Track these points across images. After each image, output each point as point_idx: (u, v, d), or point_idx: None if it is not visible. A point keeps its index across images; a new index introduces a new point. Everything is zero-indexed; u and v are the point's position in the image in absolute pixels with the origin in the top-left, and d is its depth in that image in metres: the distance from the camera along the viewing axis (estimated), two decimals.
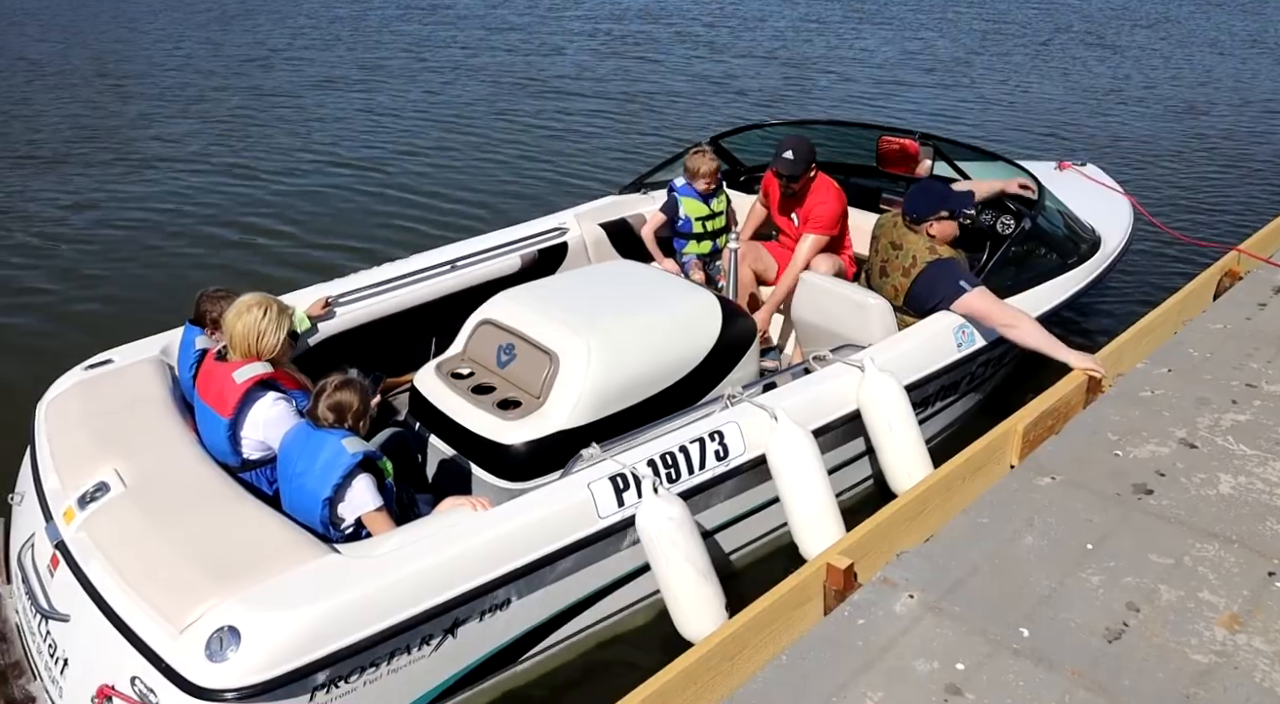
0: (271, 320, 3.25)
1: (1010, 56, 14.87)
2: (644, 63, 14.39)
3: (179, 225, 7.86)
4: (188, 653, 2.52)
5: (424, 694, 2.91)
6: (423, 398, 3.76)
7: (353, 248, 7.22)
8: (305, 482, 2.95)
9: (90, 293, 6.62)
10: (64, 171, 9.27)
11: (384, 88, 12.71)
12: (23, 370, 5.22)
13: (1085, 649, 2.59)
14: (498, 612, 2.97)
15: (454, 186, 8.80)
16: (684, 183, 5.05)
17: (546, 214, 5.30)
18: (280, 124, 10.90)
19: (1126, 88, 12.72)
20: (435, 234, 7.26)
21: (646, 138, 10.36)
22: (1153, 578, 2.85)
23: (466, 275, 4.68)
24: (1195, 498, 3.23)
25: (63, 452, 3.28)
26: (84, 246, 7.42)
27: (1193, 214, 8.05)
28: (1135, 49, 15.42)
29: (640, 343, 3.64)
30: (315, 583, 2.66)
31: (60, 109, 11.69)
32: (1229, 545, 3.00)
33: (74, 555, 2.90)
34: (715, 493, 3.40)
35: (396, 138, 10.36)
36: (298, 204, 8.32)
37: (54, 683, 2.86)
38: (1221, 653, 2.57)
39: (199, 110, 11.58)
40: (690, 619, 3.04)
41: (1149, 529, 3.07)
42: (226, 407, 3.16)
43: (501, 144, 10.12)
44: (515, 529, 2.94)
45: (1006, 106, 11.84)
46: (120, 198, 8.52)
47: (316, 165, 9.41)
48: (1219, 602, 2.76)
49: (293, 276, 6.34)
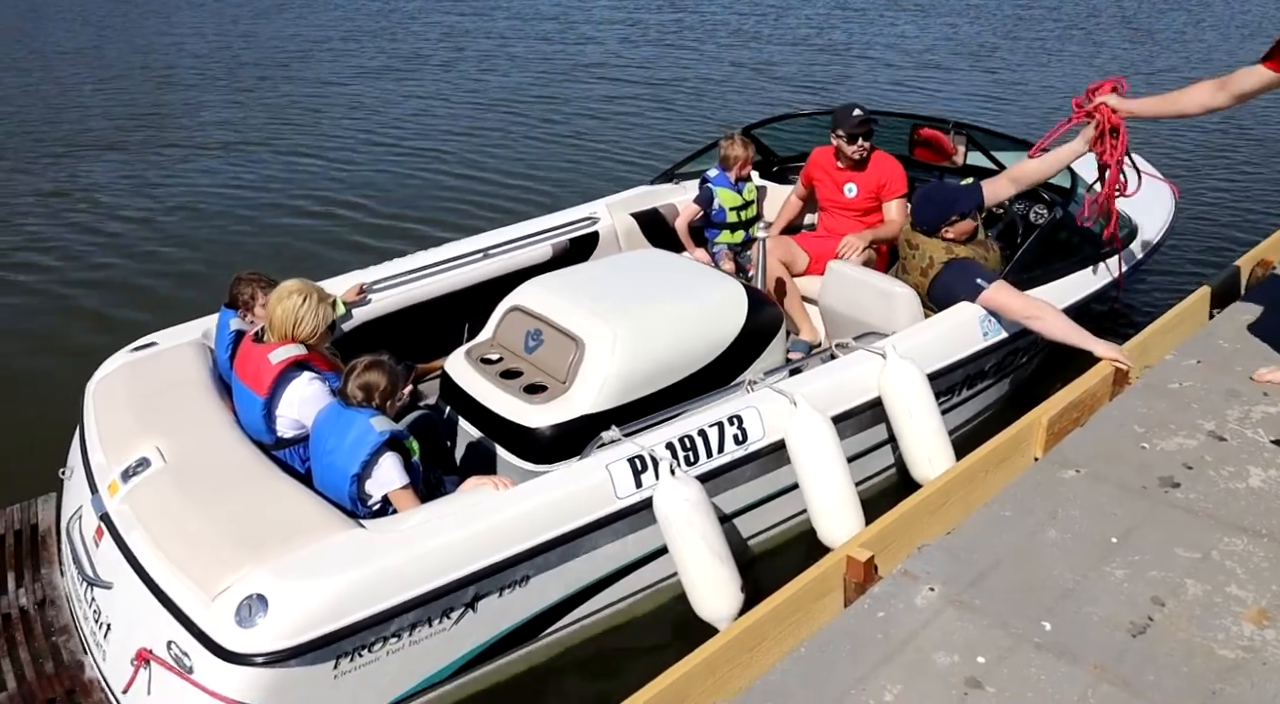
0: (311, 307, 3.37)
1: (1045, 42, 14.67)
2: (677, 50, 14.45)
3: (226, 208, 8.14)
4: (219, 619, 2.64)
5: (445, 667, 3.01)
6: (453, 382, 3.85)
7: (394, 229, 7.46)
8: (335, 459, 3.06)
9: (142, 274, 6.87)
10: (117, 157, 9.61)
11: (421, 77, 12.94)
12: (78, 353, 5.44)
13: (1109, 643, 2.56)
14: (517, 588, 3.06)
15: (491, 171, 8.99)
16: (718, 173, 5.10)
17: (580, 203, 5.38)
18: (326, 111, 11.18)
19: (1166, 73, 12.48)
20: (469, 222, 7.40)
21: (680, 127, 10.43)
22: (1179, 572, 2.81)
23: (498, 263, 4.77)
24: (1223, 491, 3.18)
25: (108, 429, 3.44)
26: (136, 229, 7.71)
27: (1233, 205, 7.88)
28: (1170, 35, 15.10)
29: (665, 330, 3.69)
30: (341, 555, 2.76)
31: (109, 97, 12.09)
32: (1258, 539, 2.95)
33: (117, 526, 3.05)
34: (733, 477, 3.44)
35: (433, 126, 10.58)
36: (340, 189, 8.56)
37: (98, 646, 3.02)
38: (1249, 648, 2.53)
39: (247, 98, 11.90)
40: (706, 600, 3.09)
41: (1175, 523, 3.04)
42: (262, 386, 3.28)
43: (539, 131, 10.29)
44: (535, 508, 3.02)
45: (1046, 93, 11.68)
46: (172, 183, 8.82)
47: (353, 151, 9.68)
48: (1247, 596, 2.71)
49: (333, 258, 6.56)
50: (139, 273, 6.87)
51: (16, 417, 4.90)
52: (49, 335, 5.92)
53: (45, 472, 3.82)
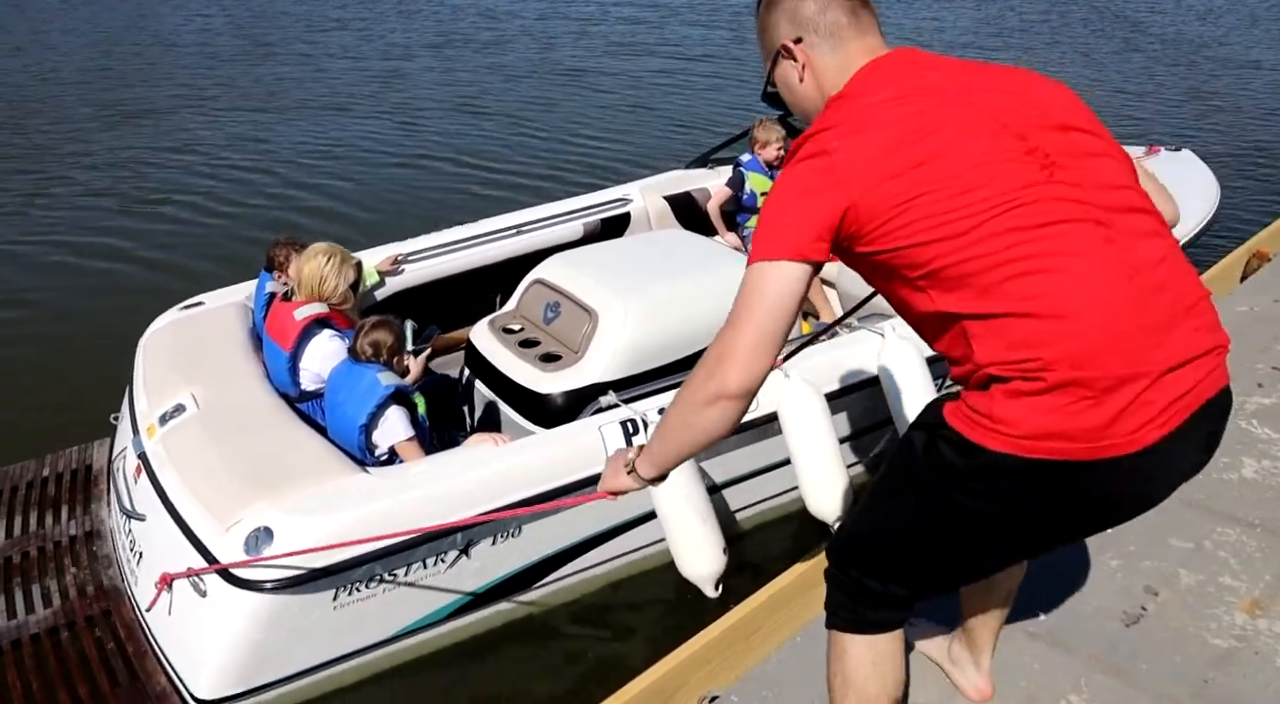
0: (335, 267, 3.60)
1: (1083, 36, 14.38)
2: (715, 31, 14.49)
3: (278, 175, 8.55)
4: (230, 547, 2.88)
5: (439, 609, 3.20)
6: (476, 349, 4.05)
7: (416, 214, 7.65)
8: (346, 409, 3.29)
9: (203, 234, 7.30)
10: (173, 123, 10.16)
11: (453, 57, 13.28)
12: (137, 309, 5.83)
13: (1102, 633, 2.58)
14: (510, 538, 3.24)
15: (524, 153, 9.23)
16: (750, 158, 5.19)
17: (614, 184, 5.56)
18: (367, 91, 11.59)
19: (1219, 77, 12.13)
20: (501, 196, 7.74)
21: (714, 112, 10.55)
22: (1172, 562, 2.83)
23: (530, 240, 4.95)
24: (1217, 482, 3.17)
25: (152, 378, 3.74)
26: (230, 188, 8.19)
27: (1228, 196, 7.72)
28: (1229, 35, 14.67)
29: (677, 306, 3.81)
30: (343, 496, 2.98)
31: (183, 66, 12.76)
32: (1250, 530, 2.96)
33: (152, 465, 3.33)
34: (722, 446, 3.55)
35: (467, 105, 10.89)
36: (367, 169, 8.89)
37: (132, 573, 3.31)
38: (1241, 638, 2.55)
39: (334, 64, 12.41)
40: (688, 561, 3.19)
41: (1169, 513, 2.94)
42: (287, 341, 3.53)
43: (574, 114, 10.56)
44: (528, 462, 3.19)
45: (1106, 88, 11.46)
46: (241, 147, 9.29)
47: (386, 122, 10.05)
48: (1239, 586, 2.73)
49: (370, 228, 6.91)
50: (204, 236, 7.30)
51: (79, 368, 5.29)
52: (115, 293, 6.33)
53: (99, 420, 4.17)
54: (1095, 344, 1.42)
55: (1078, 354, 1.42)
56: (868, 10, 1.66)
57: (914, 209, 1.45)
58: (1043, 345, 1.43)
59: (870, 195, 1.46)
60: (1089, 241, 1.45)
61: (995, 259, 1.44)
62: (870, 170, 1.46)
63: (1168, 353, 1.46)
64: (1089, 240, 1.45)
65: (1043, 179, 1.47)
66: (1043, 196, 1.45)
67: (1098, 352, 1.42)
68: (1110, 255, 1.45)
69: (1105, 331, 1.42)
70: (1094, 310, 1.42)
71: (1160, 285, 1.48)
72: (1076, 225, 1.46)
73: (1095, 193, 1.49)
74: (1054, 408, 1.44)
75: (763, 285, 1.49)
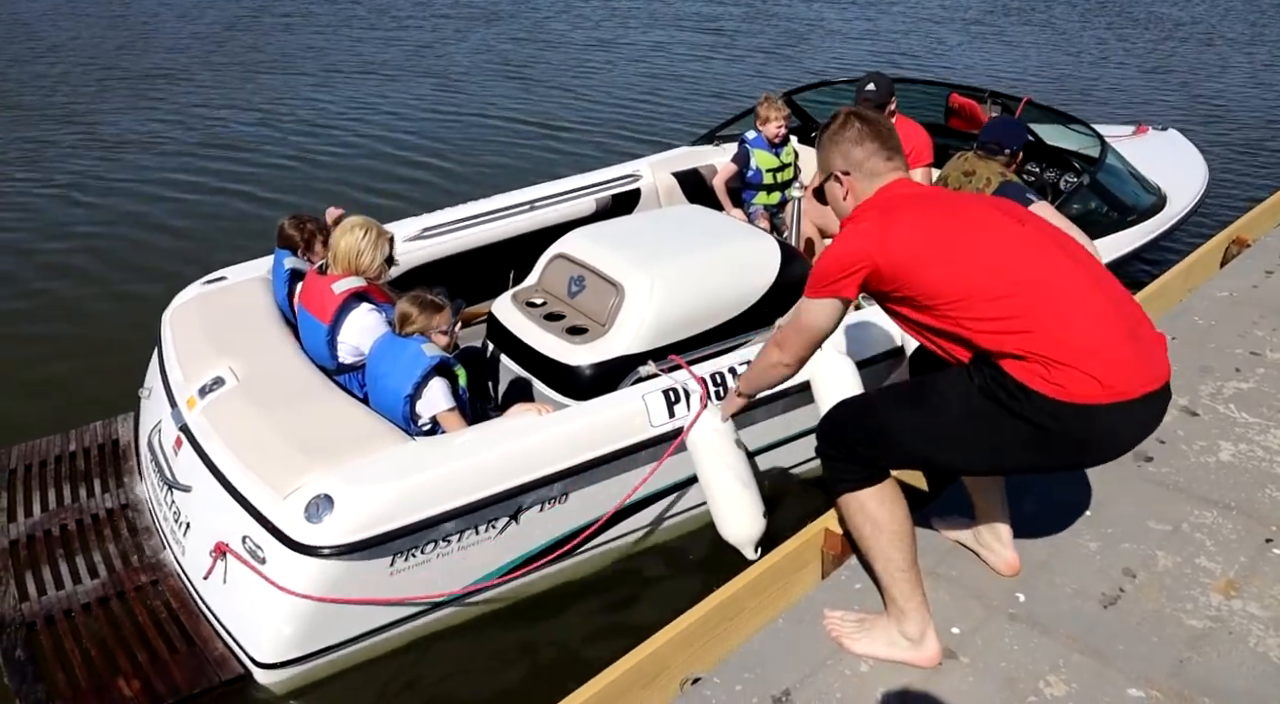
0: (371, 241, 3.62)
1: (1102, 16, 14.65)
2: (722, 7, 14.54)
3: (305, 151, 8.68)
4: (290, 515, 2.93)
5: (489, 572, 3.28)
6: (499, 323, 4.10)
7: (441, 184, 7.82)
8: (389, 381, 3.33)
9: (223, 207, 7.31)
10: (188, 92, 10.17)
11: (468, 37, 13.26)
12: (149, 287, 5.79)
13: (1081, 614, 2.61)
14: (557, 504, 3.32)
15: (535, 132, 9.33)
16: (755, 135, 5.27)
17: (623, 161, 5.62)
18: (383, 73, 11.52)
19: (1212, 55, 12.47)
20: (518, 170, 7.85)
21: (723, 90, 10.66)
22: (1150, 544, 2.88)
23: (543, 215, 5.00)
24: (1195, 465, 3.25)
25: (185, 351, 3.74)
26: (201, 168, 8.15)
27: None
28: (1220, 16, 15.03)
29: (700, 279, 3.90)
30: (397, 464, 3.04)
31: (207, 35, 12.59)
32: (1227, 512, 3.02)
33: (195, 436, 3.35)
34: (761, 412, 3.66)
35: (476, 85, 10.97)
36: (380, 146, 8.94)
37: (178, 543, 3.33)
38: (1216, 618, 2.60)
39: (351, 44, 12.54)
40: (730, 524, 3.29)
41: (1148, 496, 3.09)
42: (326, 314, 3.55)
43: (583, 94, 10.65)
44: (575, 430, 3.28)
45: (1085, 64, 11.73)
46: (272, 124, 9.41)
47: (398, 98, 10.06)
48: (1215, 568, 2.79)
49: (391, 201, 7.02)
50: (214, 212, 7.28)
51: (95, 347, 5.26)
52: (128, 268, 6.29)
53: (117, 395, 4.18)
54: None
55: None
56: (899, 155, 2.38)
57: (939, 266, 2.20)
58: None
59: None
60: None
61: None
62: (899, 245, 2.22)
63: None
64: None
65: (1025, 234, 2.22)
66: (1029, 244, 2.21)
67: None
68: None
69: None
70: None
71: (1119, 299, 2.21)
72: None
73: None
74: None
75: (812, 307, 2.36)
